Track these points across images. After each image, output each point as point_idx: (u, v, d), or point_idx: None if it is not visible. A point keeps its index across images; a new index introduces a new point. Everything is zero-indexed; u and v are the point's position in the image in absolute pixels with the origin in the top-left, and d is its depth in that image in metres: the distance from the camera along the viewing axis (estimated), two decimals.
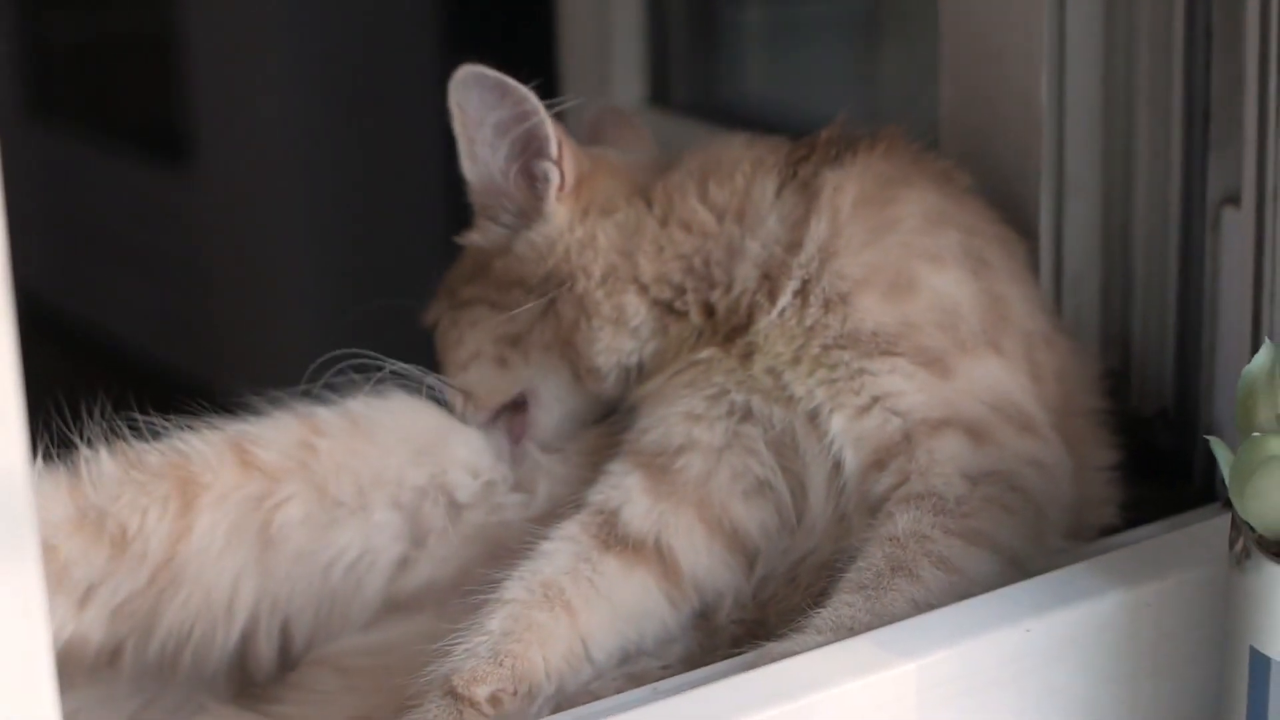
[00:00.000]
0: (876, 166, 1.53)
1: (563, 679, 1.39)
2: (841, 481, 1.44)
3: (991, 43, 1.67)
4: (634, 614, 1.43)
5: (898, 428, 1.43)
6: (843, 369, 1.45)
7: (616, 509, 1.46)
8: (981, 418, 1.43)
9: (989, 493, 1.39)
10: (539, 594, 1.40)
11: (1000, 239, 1.56)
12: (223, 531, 1.48)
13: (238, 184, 3.86)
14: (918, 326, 1.45)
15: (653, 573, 1.44)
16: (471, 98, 1.51)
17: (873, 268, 1.47)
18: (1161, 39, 1.61)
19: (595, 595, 1.42)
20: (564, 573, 1.42)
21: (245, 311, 3.89)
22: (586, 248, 1.53)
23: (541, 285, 1.54)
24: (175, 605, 1.47)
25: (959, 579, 1.35)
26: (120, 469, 1.48)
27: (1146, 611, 1.36)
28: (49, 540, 1.44)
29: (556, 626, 1.39)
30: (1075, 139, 1.65)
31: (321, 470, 1.51)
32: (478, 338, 1.56)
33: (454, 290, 1.60)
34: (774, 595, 1.46)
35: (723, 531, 1.46)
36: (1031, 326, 1.51)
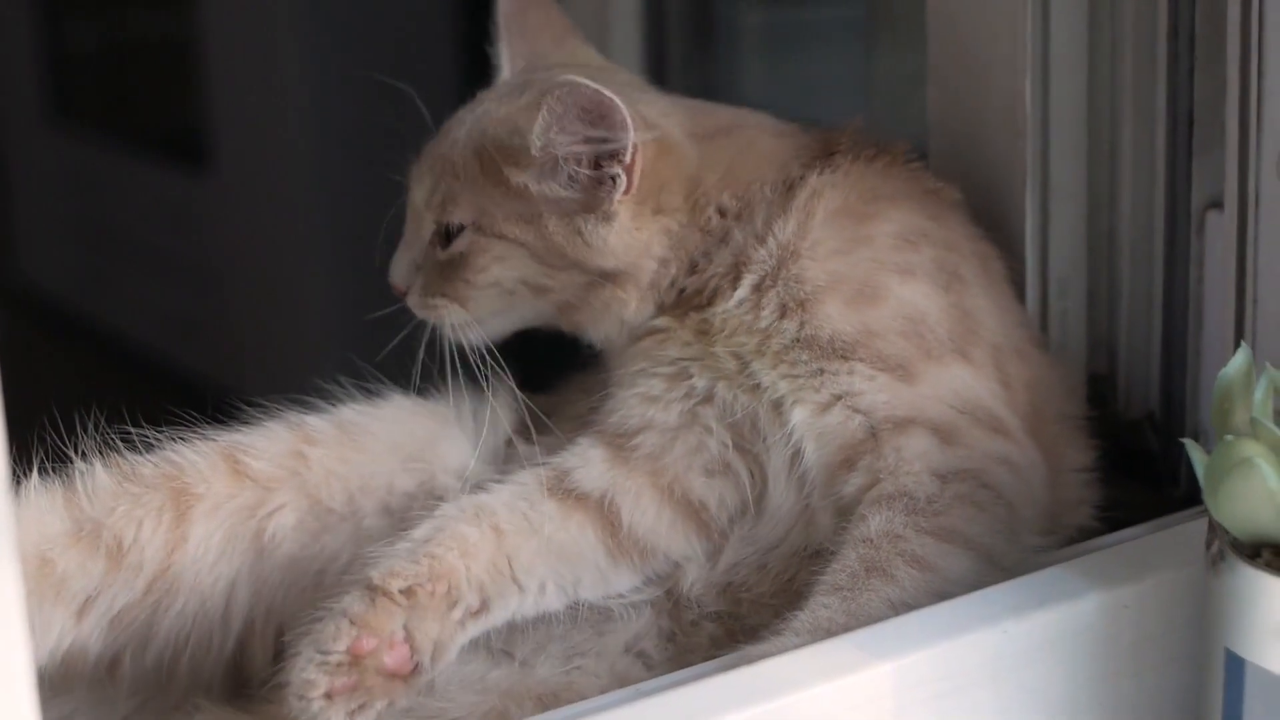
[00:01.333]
0: (869, 180, 1.54)
1: (486, 592, 1.42)
2: (801, 471, 1.46)
3: (977, 50, 1.68)
4: (566, 552, 1.46)
5: (861, 425, 1.44)
6: (802, 366, 1.47)
7: (571, 469, 1.50)
8: (949, 419, 1.44)
9: (960, 490, 1.40)
10: (470, 513, 1.45)
11: (979, 255, 1.57)
12: (216, 541, 1.50)
13: (256, 188, 3.87)
14: (879, 334, 1.46)
15: (590, 520, 1.48)
16: (567, 105, 1.47)
17: (838, 276, 1.48)
18: (1145, 46, 1.62)
19: (526, 526, 1.45)
20: (500, 502, 1.46)
21: (263, 314, 3.90)
22: (647, 255, 1.54)
23: (596, 271, 1.54)
24: (172, 614, 1.49)
25: (934, 577, 1.35)
26: (115, 481, 1.49)
27: (1125, 613, 1.37)
28: (46, 554, 1.46)
29: (481, 541, 1.43)
30: (1060, 145, 1.66)
31: (313, 478, 1.53)
32: (504, 273, 1.56)
33: (493, 217, 1.55)
34: (745, 583, 1.48)
35: (674, 499, 1.49)
36: (1002, 339, 1.52)
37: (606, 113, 1.47)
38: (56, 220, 4.64)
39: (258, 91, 3.80)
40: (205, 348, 4.09)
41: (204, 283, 4.08)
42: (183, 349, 4.17)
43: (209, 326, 4.08)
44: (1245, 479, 1.24)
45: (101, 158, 4.42)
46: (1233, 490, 1.24)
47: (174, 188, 4.14)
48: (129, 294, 4.38)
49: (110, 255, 4.45)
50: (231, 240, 3.96)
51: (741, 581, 1.48)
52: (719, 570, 1.49)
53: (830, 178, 1.53)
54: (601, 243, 1.53)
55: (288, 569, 1.51)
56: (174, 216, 4.15)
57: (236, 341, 3.98)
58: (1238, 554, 1.25)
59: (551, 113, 1.48)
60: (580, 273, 1.54)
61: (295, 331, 3.79)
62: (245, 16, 3.78)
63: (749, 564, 1.49)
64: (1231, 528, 1.25)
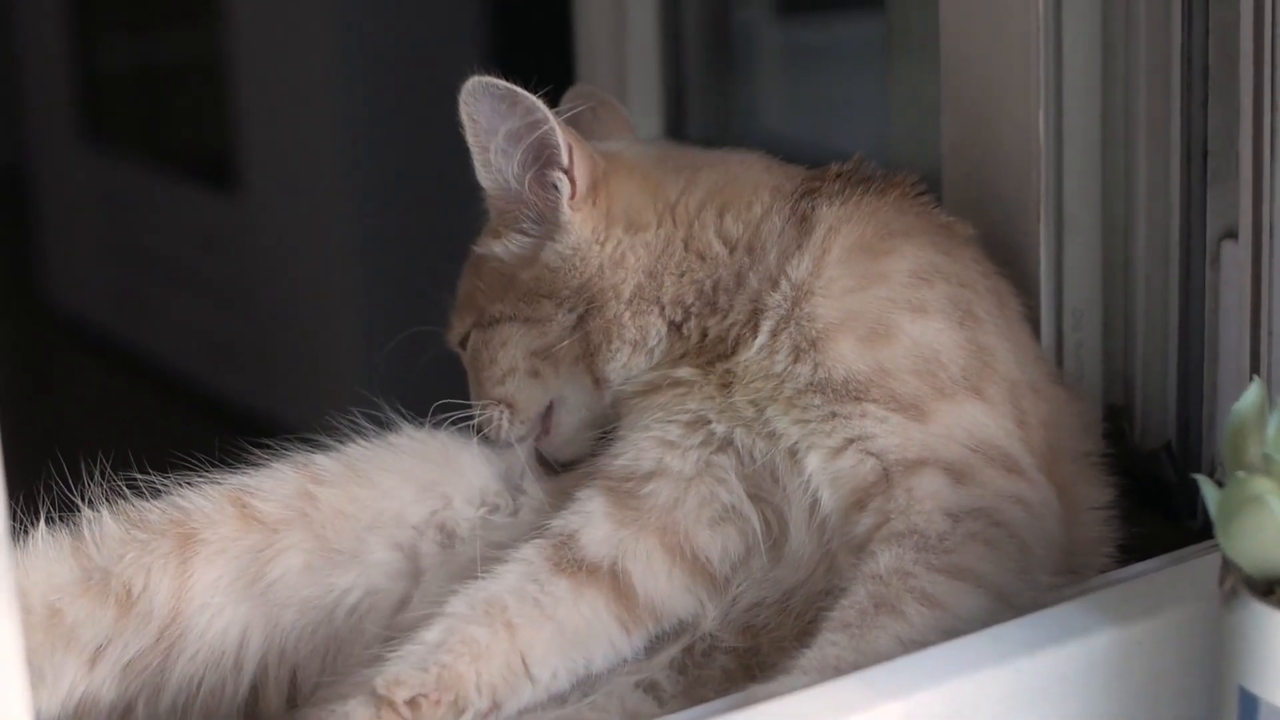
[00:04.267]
0: (883, 214, 1.54)
1: (498, 694, 1.41)
2: (821, 517, 1.45)
3: (990, 81, 1.67)
4: (581, 635, 1.45)
5: (873, 468, 1.44)
6: (814, 411, 1.46)
7: (575, 532, 1.48)
8: (962, 458, 1.43)
9: (972, 529, 1.39)
10: (480, 610, 1.43)
11: (993, 291, 1.56)
12: (225, 585, 1.50)
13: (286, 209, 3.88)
14: (892, 373, 1.46)
15: (604, 595, 1.46)
16: (483, 107, 1.53)
17: (852, 314, 1.48)
18: (1159, 77, 1.61)
19: (539, 614, 1.44)
20: (509, 591, 1.45)
21: (292, 334, 3.91)
22: (619, 267, 1.55)
23: (572, 298, 1.56)
24: (184, 660, 1.49)
25: (944, 615, 1.34)
26: (122, 529, 1.50)
27: (1138, 650, 1.36)
28: (55, 604, 1.47)
29: (494, 642, 1.41)
30: (1074, 176, 1.65)
31: (320, 518, 1.53)
32: (511, 355, 1.58)
33: (481, 309, 1.61)
34: (766, 624, 1.47)
35: (684, 558, 1.48)
36: (1018, 376, 1.51)
37: (513, 98, 1.51)
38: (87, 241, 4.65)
39: (288, 113, 3.81)
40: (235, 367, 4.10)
41: (234, 303, 4.09)
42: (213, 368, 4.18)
43: (239, 346, 4.09)
44: (1257, 516, 1.23)
45: (132, 179, 4.44)
46: (1245, 528, 1.23)
47: (204, 209, 4.16)
48: (159, 314, 4.40)
49: (140, 276, 4.47)
50: (261, 261, 3.97)
51: (763, 623, 1.47)
52: (740, 609, 1.48)
53: (844, 211, 1.53)
54: (561, 261, 1.55)
55: (299, 611, 1.51)
56: (204, 237, 4.17)
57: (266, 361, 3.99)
58: (1251, 591, 1.23)
59: (471, 122, 1.53)
60: (563, 310, 1.56)
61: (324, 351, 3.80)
62: (275, 38, 3.80)
63: (771, 605, 1.48)
64: (1244, 565, 1.24)
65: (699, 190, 1.57)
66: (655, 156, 1.63)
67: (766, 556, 1.48)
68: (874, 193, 1.55)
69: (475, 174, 1.58)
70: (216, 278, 4.16)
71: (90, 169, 4.59)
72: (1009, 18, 1.64)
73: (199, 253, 4.21)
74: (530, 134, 1.53)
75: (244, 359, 4.08)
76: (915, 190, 1.59)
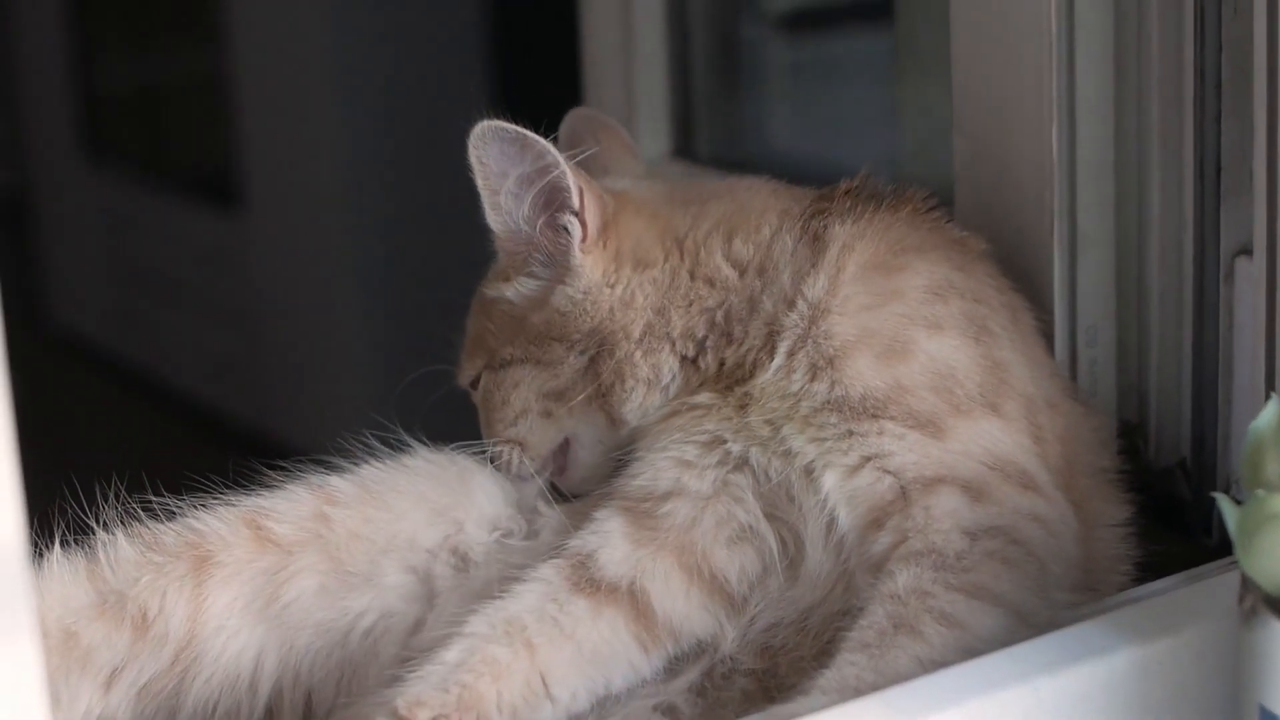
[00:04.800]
0: (895, 230, 1.53)
1: (518, 714, 1.40)
2: (838, 536, 1.45)
3: (1003, 97, 1.67)
4: (600, 655, 1.44)
5: (890, 486, 1.43)
6: (830, 429, 1.46)
7: (593, 552, 1.48)
8: (979, 476, 1.43)
9: (990, 547, 1.38)
10: (500, 629, 1.43)
11: (1008, 307, 1.56)
12: (240, 608, 1.50)
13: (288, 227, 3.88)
14: (909, 390, 1.45)
15: (623, 615, 1.46)
16: (491, 152, 1.52)
17: (868, 331, 1.48)
18: (1172, 92, 1.61)
19: (559, 634, 1.43)
20: (529, 610, 1.44)
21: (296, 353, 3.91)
22: (628, 307, 1.55)
23: (583, 341, 1.56)
24: (199, 683, 1.49)
25: (963, 634, 1.34)
26: (138, 551, 1.50)
27: (1159, 668, 1.35)
28: (70, 627, 1.47)
29: (514, 662, 1.41)
30: (1087, 192, 1.65)
31: (335, 540, 1.52)
32: (523, 396, 1.58)
33: (492, 350, 1.61)
34: (785, 644, 1.47)
35: (701, 578, 1.47)
36: (1034, 391, 1.51)
37: (524, 142, 1.51)
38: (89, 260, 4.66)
39: (288, 131, 3.82)
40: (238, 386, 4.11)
41: (237, 321, 4.09)
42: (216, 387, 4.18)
43: (242, 365, 4.09)
44: (1276, 534, 1.22)
45: (134, 198, 4.44)
46: (1264, 546, 1.22)
47: (207, 228, 4.16)
48: (160, 333, 4.40)
49: (143, 295, 4.47)
50: (264, 279, 3.98)
51: (781, 644, 1.47)
52: (757, 630, 1.48)
53: (857, 229, 1.52)
54: (572, 305, 1.55)
55: (313, 633, 1.51)
56: (207, 256, 4.17)
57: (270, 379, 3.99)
58: (1270, 610, 1.23)
59: (481, 167, 1.53)
60: (574, 353, 1.56)
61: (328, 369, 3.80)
62: (277, 57, 3.80)
63: (789, 625, 1.47)
64: (1264, 583, 1.24)
65: (706, 221, 1.57)
66: (663, 192, 1.63)
67: (783, 576, 1.47)
68: (886, 209, 1.55)
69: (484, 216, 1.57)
70: (218, 296, 4.16)
71: (92, 189, 4.60)
72: (1021, 34, 1.63)
73: (200, 271, 4.21)
74: (541, 179, 1.53)
75: (246, 377, 4.08)
76: (927, 205, 1.59)
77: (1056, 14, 1.60)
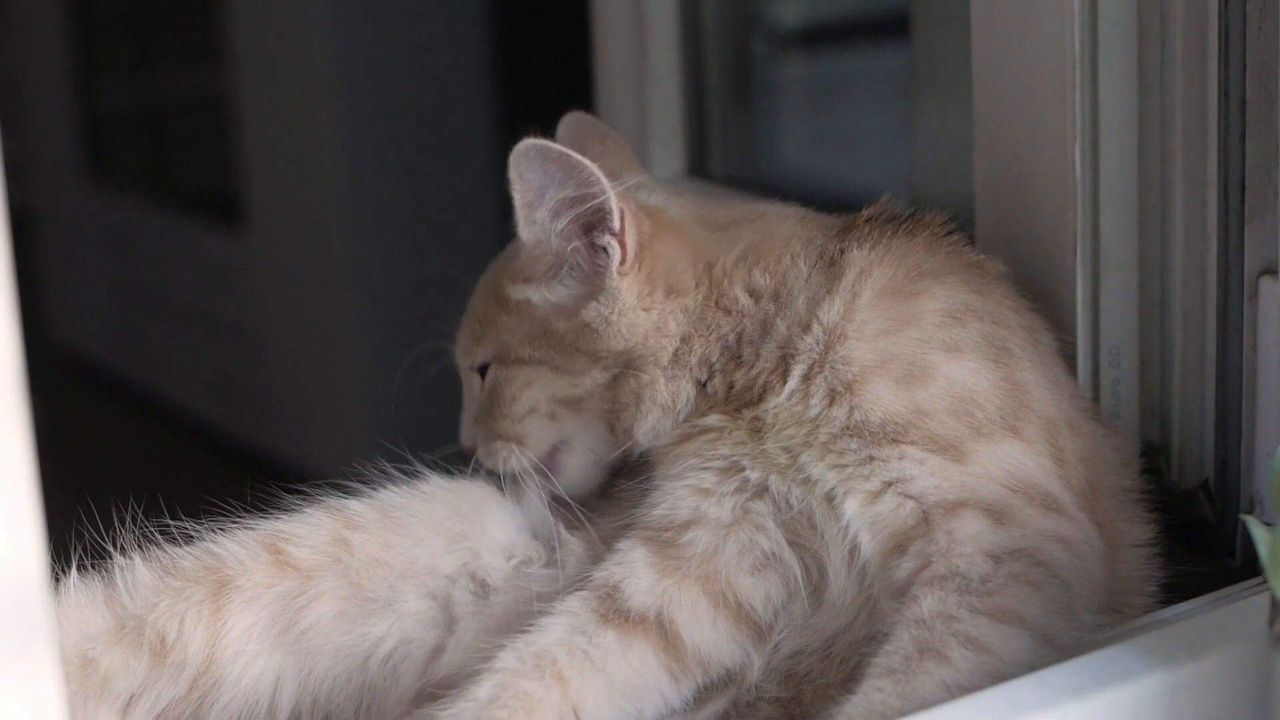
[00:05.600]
0: (913, 256, 1.53)
1: None
2: (861, 563, 1.44)
3: (1024, 116, 1.66)
4: (631, 686, 1.44)
5: (912, 511, 1.42)
6: (851, 455, 1.45)
7: (619, 583, 1.47)
8: (1001, 498, 1.42)
9: (1014, 570, 1.37)
10: (530, 664, 1.42)
11: (1027, 328, 1.55)
12: (259, 633, 1.49)
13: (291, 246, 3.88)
14: (929, 414, 1.44)
15: (653, 646, 1.45)
16: (533, 170, 1.50)
17: (887, 355, 1.47)
18: (1196, 111, 1.60)
19: (589, 666, 1.42)
20: (558, 644, 1.43)
21: (299, 372, 3.90)
22: (661, 334, 1.54)
23: (611, 359, 1.55)
24: (217, 709, 1.48)
25: (989, 658, 1.32)
26: (156, 576, 1.49)
27: (1187, 693, 1.34)
28: (88, 653, 1.46)
29: (547, 695, 1.40)
30: (1110, 211, 1.64)
31: (355, 564, 1.52)
32: (534, 397, 1.57)
33: (507, 345, 1.58)
34: (809, 672, 1.46)
35: (727, 606, 1.47)
36: (1054, 413, 1.50)
37: (572, 166, 1.49)
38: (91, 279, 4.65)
39: (293, 150, 3.82)
40: (242, 406, 4.10)
41: (240, 340, 4.09)
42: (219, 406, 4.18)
43: (246, 384, 4.09)
44: None
45: (136, 217, 4.44)
46: None
47: (209, 246, 4.15)
48: (165, 352, 4.40)
49: (145, 314, 4.47)
50: (267, 297, 3.97)
51: (806, 671, 1.46)
52: (781, 657, 1.47)
53: (874, 254, 1.52)
54: (605, 324, 1.54)
55: (332, 659, 1.50)
56: (210, 275, 4.16)
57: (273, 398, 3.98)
58: None
59: (522, 183, 1.51)
60: (599, 369, 1.54)
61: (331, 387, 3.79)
62: (280, 76, 3.80)
63: (813, 652, 1.46)
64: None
65: (735, 249, 1.56)
66: (695, 214, 1.62)
67: (808, 603, 1.47)
68: (903, 234, 1.54)
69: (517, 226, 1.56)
70: (221, 314, 4.15)
71: (95, 208, 4.60)
72: (1043, 51, 1.63)
73: (204, 290, 4.21)
74: (584, 202, 1.51)
75: (249, 395, 4.08)
76: (944, 229, 1.58)
77: (1079, 31, 1.59)
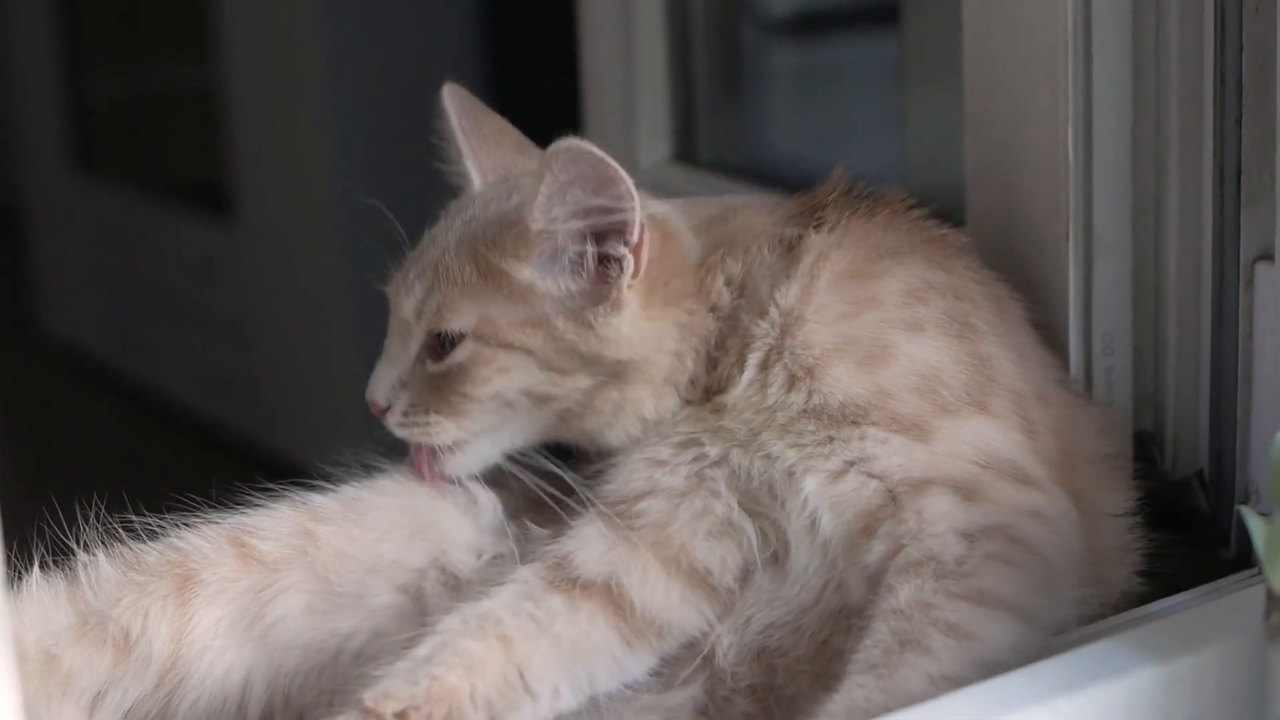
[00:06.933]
0: (873, 237, 1.52)
1: (495, 708, 1.38)
2: (824, 538, 1.42)
3: (1017, 100, 1.64)
4: (579, 649, 1.42)
5: (877, 490, 1.41)
6: (810, 436, 1.44)
7: (569, 553, 1.46)
8: (970, 475, 1.40)
9: (990, 549, 1.35)
10: (474, 625, 1.40)
11: (993, 299, 1.54)
12: (225, 628, 1.48)
13: (281, 237, 3.87)
14: (891, 394, 1.43)
15: (601, 609, 1.44)
16: (569, 169, 1.44)
17: (847, 338, 1.46)
18: (1191, 94, 1.58)
19: (535, 628, 1.41)
20: (504, 607, 1.42)
21: (289, 363, 3.90)
22: (657, 350, 1.51)
23: (601, 367, 1.51)
24: (186, 706, 1.47)
25: (972, 645, 1.30)
26: (119, 571, 1.48)
27: (1180, 687, 1.32)
28: (50, 649, 1.44)
29: (488, 654, 1.39)
30: (1104, 197, 1.62)
31: (321, 558, 1.50)
32: (506, 384, 1.51)
33: (496, 325, 1.51)
34: (780, 646, 1.44)
35: (680, 570, 1.45)
36: (1022, 385, 1.48)
37: (610, 179, 1.45)
38: (81, 271, 4.65)
39: (282, 142, 3.82)
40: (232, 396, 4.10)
41: (230, 332, 4.09)
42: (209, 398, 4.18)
43: (235, 375, 4.09)
44: None
45: (126, 209, 4.44)
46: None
47: (199, 238, 4.15)
48: (155, 345, 4.40)
49: (135, 306, 4.47)
50: (257, 289, 3.97)
51: (777, 645, 1.44)
52: (753, 632, 1.45)
53: (832, 237, 1.51)
54: (614, 333, 1.49)
55: (302, 654, 1.49)
56: (199, 267, 4.17)
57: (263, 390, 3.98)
58: None
59: (554, 178, 1.45)
60: (588, 375, 1.50)
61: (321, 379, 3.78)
62: (269, 68, 3.80)
63: (783, 626, 1.44)
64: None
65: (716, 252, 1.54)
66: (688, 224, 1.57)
67: (768, 572, 1.45)
68: (862, 214, 1.53)
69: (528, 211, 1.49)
70: (211, 306, 4.16)
71: (84, 200, 4.60)
72: (1036, 32, 1.61)
73: (193, 282, 4.21)
74: (609, 214, 1.47)
75: (239, 387, 4.08)
76: (905, 206, 1.56)
77: (1073, 11, 1.58)
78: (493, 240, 1.52)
